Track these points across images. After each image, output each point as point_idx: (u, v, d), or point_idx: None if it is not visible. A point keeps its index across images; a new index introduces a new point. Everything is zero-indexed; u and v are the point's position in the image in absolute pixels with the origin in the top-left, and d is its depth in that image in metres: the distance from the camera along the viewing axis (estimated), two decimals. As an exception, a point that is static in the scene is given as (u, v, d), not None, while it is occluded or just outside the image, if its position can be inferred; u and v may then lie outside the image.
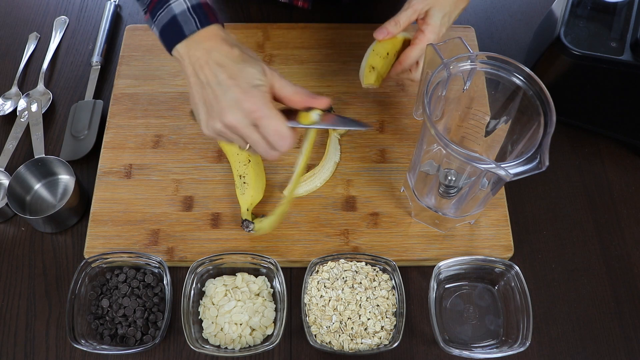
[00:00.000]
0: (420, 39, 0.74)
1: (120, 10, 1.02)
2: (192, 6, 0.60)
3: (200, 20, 0.59)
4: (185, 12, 0.60)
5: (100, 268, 0.74)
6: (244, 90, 0.57)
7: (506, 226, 0.78)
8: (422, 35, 0.73)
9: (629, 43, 0.75)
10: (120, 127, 0.86)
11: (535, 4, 1.03)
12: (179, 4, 0.60)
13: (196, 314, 0.72)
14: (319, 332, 0.70)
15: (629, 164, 0.86)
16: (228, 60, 0.58)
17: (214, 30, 0.60)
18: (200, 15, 0.59)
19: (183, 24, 0.59)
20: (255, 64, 0.59)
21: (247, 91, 0.57)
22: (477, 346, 0.71)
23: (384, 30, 0.74)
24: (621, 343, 0.73)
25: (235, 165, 0.78)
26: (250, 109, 0.57)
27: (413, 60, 0.75)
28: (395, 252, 0.76)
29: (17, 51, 0.96)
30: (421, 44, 0.74)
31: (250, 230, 0.75)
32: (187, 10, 0.60)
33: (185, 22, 0.59)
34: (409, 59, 0.75)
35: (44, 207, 0.81)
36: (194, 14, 0.60)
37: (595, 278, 0.77)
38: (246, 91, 0.57)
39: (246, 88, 0.57)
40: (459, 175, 0.70)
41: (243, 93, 0.57)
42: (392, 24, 0.74)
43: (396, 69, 0.77)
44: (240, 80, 0.57)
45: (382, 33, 0.74)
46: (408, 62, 0.75)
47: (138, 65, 0.91)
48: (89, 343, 0.69)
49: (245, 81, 0.57)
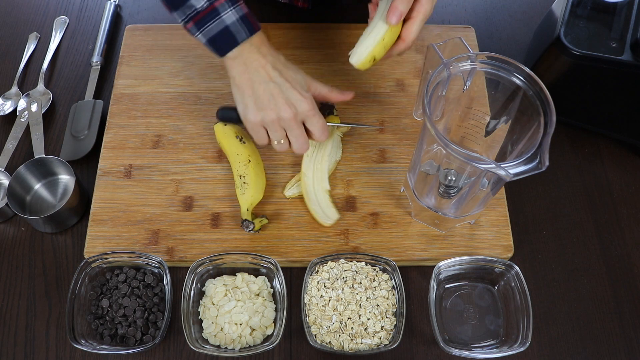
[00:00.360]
0: (418, 10, 0.69)
1: (120, 10, 1.02)
2: (241, 17, 0.69)
3: (249, 29, 0.69)
4: (235, 23, 0.69)
5: (100, 268, 0.74)
6: (301, 93, 0.70)
7: (506, 226, 0.78)
8: (419, 5, 0.69)
9: (629, 43, 0.75)
10: (120, 127, 0.86)
11: (535, 4, 1.03)
12: (228, 16, 0.68)
13: (196, 314, 0.72)
14: (319, 332, 0.70)
15: (629, 164, 0.86)
16: (280, 65, 0.71)
17: (261, 37, 0.71)
18: (248, 25, 0.69)
19: (236, 33, 0.69)
20: (299, 70, 0.73)
21: (303, 94, 0.70)
22: (477, 346, 0.71)
23: (397, 12, 0.68)
24: (621, 343, 0.73)
25: (235, 165, 0.78)
26: (306, 109, 0.71)
27: (416, 35, 0.71)
28: (395, 252, 0.76)
29: (17, 51, 0.96)
30: (420, 16, 0.70)
31: (250, 230, 0.75)
32: (237, 21, 0.69)
33: (237, 32, 0.69)
34: (412, 34, 0.71)
35: (44, 207, 0.81)
36: (243, 24, 0.69)
37: (595, 278, 0.77)
38: (302, 94, 0.70)
39: (302, 91, 0.71)
40: (459, 175, 0.70)
41: (301, 95, 0.70)
42: (404, 3, 0.68)
43: (399, 47, 0.72)
44: (295, 84, 0.71)
45: (396, 16, 0.68)
46: (411, 37, 0.71)
47: (138, 65, 0.91)
48: (89, 343, 0.69)
49: (299, 85, 0.71)
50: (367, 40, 0.71)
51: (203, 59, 0.92)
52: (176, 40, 0.93)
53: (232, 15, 0.68)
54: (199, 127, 0.85)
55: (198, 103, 0.88)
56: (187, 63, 0.91)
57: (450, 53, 0.67)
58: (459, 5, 1.02)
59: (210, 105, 0.87)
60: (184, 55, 0.92)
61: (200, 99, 0.88)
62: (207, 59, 0.92)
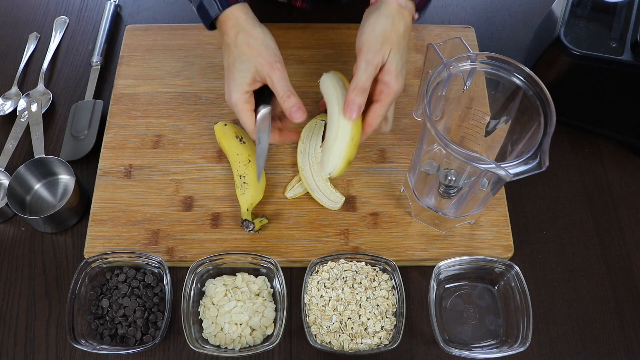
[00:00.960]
0: (386, 93, 0.65)
1: (120, 10, 1.02)
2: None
3: (222, 3, 0.67)
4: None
5: (100, 268, 0.74)
6: (229, 90, 0.67)
7: (506, 226, 0.78)
8: (388, 89, 0.64)
9: (629, 43, 0.75)
10: (120, 127, 0.86)
11: (535, 4, 1.03)
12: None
13: (196, 314, 0.72)
14: (319, 332, 0.70)
15: (629, 164, 0.86)
16: (232, 48, 0.67)
17: (232, 12, 0.67)
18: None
19: (209, 8, 0.67)
20: (248, 59, 0.66)
21: (230, 90, 0.67)
22: (477, 346, 0.71)
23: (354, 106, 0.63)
24: (621, 343, 0.73)
25: (235, 165, 0.78)
26: (228, 104, 0.69)
27: (382, 118, 0.66)
28: (395, 252, 0.76)
29: (17, 51, 0.96)
30: (388, 99, 0.65)
31: (250, 230, 0.75)
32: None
33: (210, 5, 0.67)
34: (378, 118, 0.65)
35: (44, 207, 0.81)
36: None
37: (595, 278, 0.77)
38: (230, 91, 0.67)
39: (233, 87, 0.67)
40: (459, 175, 0.70)
41: (227, 88, 0.68)
42: (359, 95, 0.63)
43: (366, 132, 0.66)
44: (236, 76, 0.66)
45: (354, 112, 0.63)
46: (378, 121, 0.66)
47: (138, 65, 0.91)
48: (89, 343, 0.69)
49: (240, 77, 0.66)
50: (336, 146, 0.65)
51: (203, 59, 0.92)
52: (176, 40, 0.93)
53: None
54: (199, 127, 0.85)
55: (198, 103, 0.88)
56: (187, 63, 0.91)
57: (450, 53, 0.67)
58: (459, 5, 1.02)
59: (210, 105, 0.87)
60: (184, 55, 0.92)
61: (200, 99, 0.88)
62: (207, 59, 0.92)
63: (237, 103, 0.67)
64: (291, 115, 0.65)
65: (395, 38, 0.65)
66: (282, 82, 0.65)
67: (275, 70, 0.65)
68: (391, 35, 0.65)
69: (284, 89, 0.65)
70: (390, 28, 0.65)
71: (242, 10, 0.68)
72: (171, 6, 1.01)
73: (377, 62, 0.64)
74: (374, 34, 0.65)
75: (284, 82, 0.65)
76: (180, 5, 1.01)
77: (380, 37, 0.64)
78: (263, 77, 0.66)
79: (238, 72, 0.66)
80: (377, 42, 0.64)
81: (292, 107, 0.64)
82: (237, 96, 0.67)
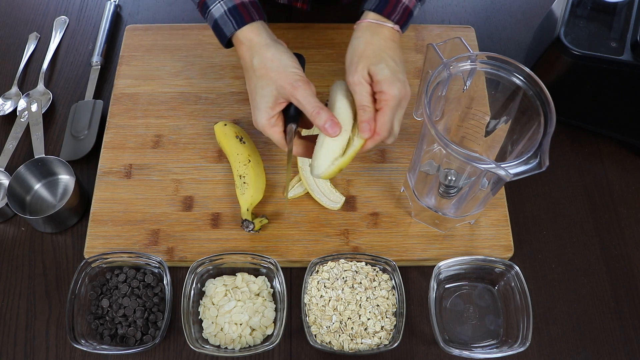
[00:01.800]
0: (384, 100, 0.64)
1: (120, 10, 1.02)
2: (229, 9, 0.67)
3: (237, 22, 0.67)
4: (223, 16, 0.67)
5: (100, 268, 0.74)
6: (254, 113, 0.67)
7: (506, 226, 0.78)
8: (384, 95, 0.64)
9: (629, 43, 0.75)
10: (120, 127, 0.86)
11: (535, 4, 1.03)
12: (217, 9, 0.67)
13: (196, 314, 0.72)
14: (319, 332, 0.70)
15: (629, 164, 0.86)
16: (250, 72, 0.67)
17: (244, 35, 0.67)
18: (237, 17, 0.67)
19: (223, 27, 0.67)
20: (268, 84, 0.65)
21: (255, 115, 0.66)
22: (477, 346, 0.71)
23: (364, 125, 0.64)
24: (621, 343, 0.73)
25: (235, 165, 0.78)
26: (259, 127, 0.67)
27: (389, 124, 0.65)
28: (395, 252, 0.76)
29: (17, 51, 0.96)
30: (388, 105, 0.64)
31: (250, 230, 0.75)
32: (225, 14, 0.67)
33: (225, 25, 0.67)
34: (382, 124, 0.65)
35: (44, 207, 0.81)
36: (231, 16, 0.67)
37: (595, 278, 0.77)
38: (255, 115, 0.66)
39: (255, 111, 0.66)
40: (459, 175, 0.70)
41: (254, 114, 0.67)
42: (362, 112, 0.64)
43: (375, 140, 0.66)
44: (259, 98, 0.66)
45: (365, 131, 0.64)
46: (384, 128, 0.65)
47: (138, 65, 0.91)
48: (89, 343, 0.69)
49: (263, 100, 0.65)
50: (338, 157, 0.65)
51: (203, 59, 0.92)
52: (176, 40, 0.93)
53: (220, 8, 0.67)
54: (199, 127, 0.85)
55: (198, 103, 0.88)
56: (187, 63, 0.91)
57: (450, 53, 0.67)
58: (459, 5, 1.02)
59: (210, 105, 0.87)
60: (184, 55, 0.92)
61: (200, 99, 0.88)
62: (207, 59, 0.92)
63: (265, 128, 0.67)
64: (327, 131, 0.63)
65: (371, 51, 0.66)
66: (309, 99, 0.63)
67: (298, 89, 0.63)
68: (366, 52, 0.66)
69: (312, 105, 0.63)
70: (363, 46, 0.67)
71: (254, 32, 0.67)
72: (171, 6, 1.01)
73: (357, 80, 0.65)
74: (350, 58, 0.67)
75: (310, 98, 0.63)
76: (180, 5, 1.01)
77: (355, 58, 0.66)
78: (287, 98, 0.65)
79: (260, 98, 0.66)
80: (353, 63, 0.66)
81: (324, 122, 0.62)
82: (263, 122, 0.66)
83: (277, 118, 0.67)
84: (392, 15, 0.68)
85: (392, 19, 0.68)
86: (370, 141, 0.66)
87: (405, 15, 0.68)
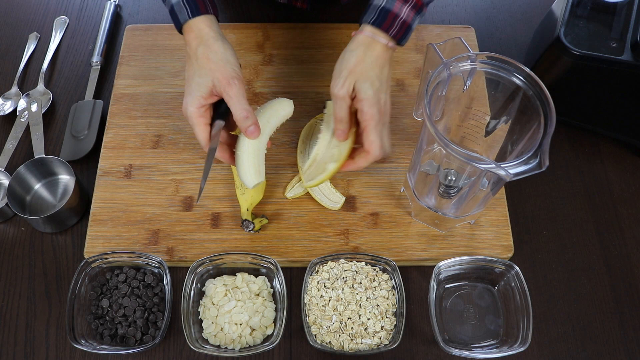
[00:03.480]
0: (365, 119, 0.67)
1: (120, 10, 1.02)
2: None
3: (192, 11, 0.67)
4: (179, 3, 0.68)
5: (100, 268, 0.74)
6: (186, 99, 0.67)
7: (506, 226, 0.78)
8: (364, 115, 0.67)
9: (629, 43, 0.75)
10: (120, 127, 0.86)
11: (535, 4, 1.03)
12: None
13: (196, 314, 0.72)
14: (319, 332, 0.70)
15: (629, 164, 0.86)
16: (193, 60, 0.68)
17: (196, 24, 0.68)
18: (192, 6, 0.67)
19: (178, 13, 0.68)
20: (206, 73, 0.66)
21: (186, 101, 0.67)
22: (477, 346, 0.71)
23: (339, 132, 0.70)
24: (621, 343, 0.73)
25: (235, 165, 0.78)
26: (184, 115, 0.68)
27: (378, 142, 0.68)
28: (395, 252, 0.76)
29: (17, 51, 0.96)
30: (369, 124, 0.67)
31: (250, 230, 0.75)
32: (181, 1, 0.68)
33: (180, 12, 0.68)
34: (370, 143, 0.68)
35: (44, 207, 0.81)
36: (187, 4, 0.67)
37: (595, 278, 0.77)
38: (186, 101, 0.67)
39: (189, 99, 0.67)
40: (459, 175, 0.70)
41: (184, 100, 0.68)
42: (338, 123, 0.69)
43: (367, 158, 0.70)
44: (192, 88, 0.67)
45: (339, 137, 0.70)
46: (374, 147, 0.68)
47: (138, 65, 0.91)
48: (89, 343, 0.69)
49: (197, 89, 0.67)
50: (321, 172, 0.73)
51: (203, 59, 0.92)
52: (176, 40, 0.93)
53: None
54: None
55: (198, 103, 0.88)
56: (187, 63, 0.91)
57: (450, 53, 0.67)
58: (459, 5, 1.02)
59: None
60: (184, 55, 0.92)
61: (200, 99, 0.88)
62: (207, 59, 0.92)
63: (192, 116, 0.67)
64: (247, 134, 0.67)
65: (361, 69, 0.67)
66: (239, 100, 0.65)
67: (232, 87, 0.65)
68: (355, 68, 0.67)
69: (241, 107, 0.65)
70: (354, 61, 0.67)
71: (206, 23, 0.68)
72: (171, 6, 1.01)
73: (342, 94, 0.67)
74: (339, 69, 0.68)
75: (240, 99, 0.66)
76: (180, 5, 1.01)
77: (344, 71, 0.67)
78: (219, 92, 0.66)
79: (195, 85, 0.67)
80: (341, 77, 0.67)
81: (249, 126, 0.66)
82: (192, 109, 0.67)
83: (206, 110, 0.68)
84: (390, 30, 0.68)
85: (390, 33, 0.68)
86: (363, 160, 0.70)
87: (403, 29, 0.69)
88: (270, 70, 0.91)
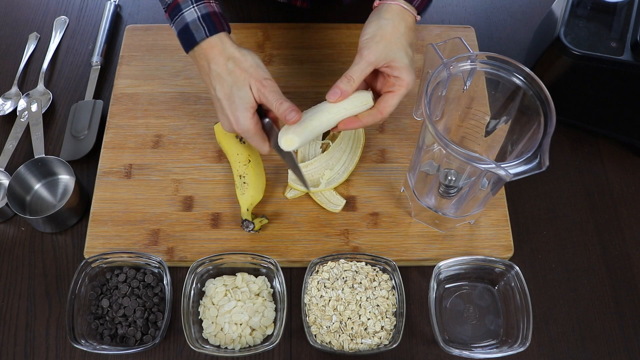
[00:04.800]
0: (399, 85, 0.68)
1: (120, 10, 1.02)
2: (202, 15, 0.67)
3: (209, 29, 0.67)
4: (195, 21, 0.67)
5: (100, 268, 0.74)
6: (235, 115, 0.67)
7: (506, 226, 0.78)
8: (400, 81, 0.67)
9: (629, 43, 0.75)
10: (120, 127, 0.86)
11: (535, 4, 1.03)
12: (190, 13, 0.68)
13: (196, 314, 0.72)
14: (319, 332, 0.70)
15: (629, 164, 0.86)
16: (224, 76, 0.67)
17: (220, 38, 0.68)
18: (209, 24, 0.67)
19: (194, 32, 0.68)
20: (244, 84, 0.66)
21: (237, 117, 0.67)
22: (477, 346, 0.71)
23: (337, 90, 0.67)
24: (621, 343, 0.73)
25: (235, 165, 0.78)
26: (241, 130, 0.68)
27: (394, 108, 0.69)
28: (395, 252, 0.76)
29: (17, 51, 0.96)
30: (401, 90, 0.68)
31: (250, 230, 0.75)
32: (198, 19, 0.67)
33: (196, 30, 0.67)
34: (390, 107, 0.69)
35: (44, 207, 0.81)
36: (204, 22, 0.67)
37: (595, 278, 0.77)
38: (236, 117, 0.67)
39: (236, 114, 0.67)
40: (459, 175, 0.70)
41: (234, 117, 0.67)
42: (345, 81, 0.67)
43: (375, 118, 0.69)
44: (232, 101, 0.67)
45: (334, 95, 0.67)
46: (389, 110, 0.69)
47: (138, 65, 0.91)
48: (89, 343, 0.69)
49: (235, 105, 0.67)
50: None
51: (203, 59, 0.92)
52: (176, 40, 0.92)
53: (193, 13, 0.68)
54: (199, 127, 0.85)
55: (198, 103, 0.88)
56: (187, 63, 0.91)
57: (450, 53, 0.67)
58: (459, 5, 1.02)
59: (210, 105, 0.87)
60: (184, 55, 0.91)
61: (200, 99, 0.88)
62: (207, 59, 0.92)
63: (250, 130, 0.68)
64: (285, 117, 0.66)
65: (396, 38, 0.68)
66: (274, 95, 0.66)
67: (266, 87, 0.66)
68: (391, 36, 0.67)
69: (276, 97, 0.66)
70: (390, 29, 0.68)
71: (228, 38, 0.69)
72: (171, 6, 1.01)
73: (372, 60, 0.67)
74: (374, 35, 0.68)
75: (275, 94, 0.66)
76: (180, 5, 1.01)
77: (379, 38, 0.67)
78: (258, 96, 0.67)
79: (239, 100, 0.67)
80: (376, 42, 0.67)
81: (286, 109, 0.65)
82: (247, 122, 0.67)
83: (258, 119, 0.69)
84: (414, 1, 0.70)
85: (414, 4, 0.70)
86: (371, 118, 0.69)
87: (425, 0, 0.71)
88: (270, 70, 0.89)
